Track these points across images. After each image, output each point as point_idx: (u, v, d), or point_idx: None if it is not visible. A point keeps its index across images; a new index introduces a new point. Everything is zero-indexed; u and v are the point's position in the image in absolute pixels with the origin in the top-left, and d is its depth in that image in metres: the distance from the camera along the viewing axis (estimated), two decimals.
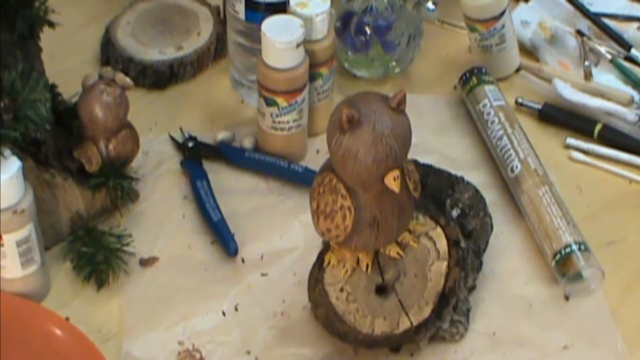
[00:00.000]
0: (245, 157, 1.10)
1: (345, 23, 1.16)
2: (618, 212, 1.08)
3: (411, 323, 0.90)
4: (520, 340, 0.96)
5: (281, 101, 1.05)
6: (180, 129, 1.13)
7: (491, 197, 1.05)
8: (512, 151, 1.08)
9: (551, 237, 1.01)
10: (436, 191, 0.98)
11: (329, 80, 1.10)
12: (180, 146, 1.11)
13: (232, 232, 1.02)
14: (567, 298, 1.00)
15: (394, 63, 1.18)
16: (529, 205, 1.04)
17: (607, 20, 1.24)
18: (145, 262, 1.01)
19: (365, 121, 0.79)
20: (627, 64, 1.19)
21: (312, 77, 1.08)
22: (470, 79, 1.15)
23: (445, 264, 0.92)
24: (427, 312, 0.91)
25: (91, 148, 1.00)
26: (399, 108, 0.81)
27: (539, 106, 1.17)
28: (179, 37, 1.20)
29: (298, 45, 1.03)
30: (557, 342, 0.96)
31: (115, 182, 1.01)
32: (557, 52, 1.22)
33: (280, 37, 1.02)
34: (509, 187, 1.08)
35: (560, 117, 1.16)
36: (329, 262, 0.91)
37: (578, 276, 0.99)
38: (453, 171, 1.01)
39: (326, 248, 0.92)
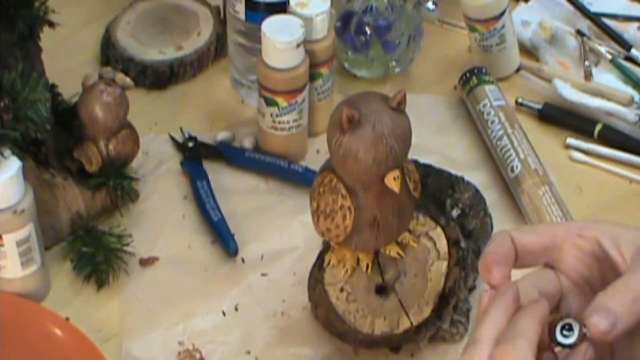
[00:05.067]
0: (246, 157, 1.10)
1: (345, 23, 1.16)
2: (618, 212, 1.08)
3: (411, 323, 0.90)
4: None
5: (281, 101, 1.05)
6: (180, 129, 1.13)
7: (491, 197, 1.05)
8: (512, 151, 1.08)
9: None
10: (436, 191, 0.98)
11: (329, 80, 1.10)
12: (180, 146, 1.11)
13: (232, 232, 1.02)
14: None
15: (394, 63, 1.18)
16: (529, 205, 1.04)
17: (607, 20, 1.24)
18: (145, 262, 1.01)
19: (365, 121, 0.79)
20: (627, 64, 1.19)
21: (312, 77, 1.08)
22: (471, 79, 1.15)
23: (445, 264, 0.92)
24: (427, 312, 0.91)
25: (91, 148, 1.00)
26: (399, 108, 0.81)
27: (539, 106, 1.17)
28: (179, 37, 1.20)
29: (298, 45, 1.03)
30: None
31: (115, 182, 1.01)
32: (557, 52, 1.22)
33: (280, 37, 1.02)
34: (509, 187, 1.08)
35: (561, 117, 1.16)
36: (329, 262, 0.91)
37: None
38: (453, 171, 1.01)
39: (326, 248, 0.92)
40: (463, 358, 0.69)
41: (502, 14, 1.16)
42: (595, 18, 1.24)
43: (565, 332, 0.69)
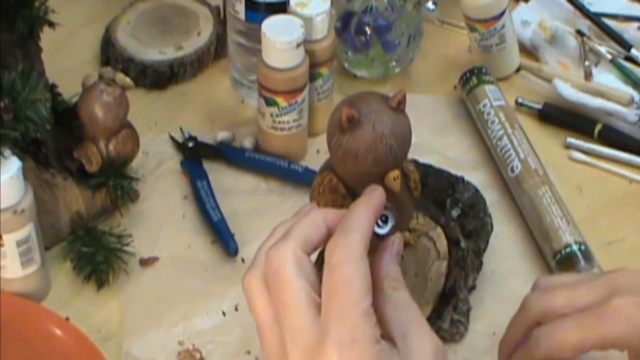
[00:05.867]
0: (245, 157, 1.10)
1: (346, 23, 1.16)
2: (618, 212, 1.08)
3: None
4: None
5: (281, 101, 1.05)
6: (180, 129, 1.13)
7: (491, 197, 1.05)
8: (512, 151, 1.08)
9: (551, 237, 1.01)
10: (436, 191, 0.98)
11: (329, 80, 1.10)
12: (180, 146, 1.11)
13: (232, 232, 1.02)
14: None
15: (394, 63, 1.18)
16: (529, 205, 1.04)
17: (607, 20, 1.24)
18: (145, 262, 1.01)
19: (365, 121, 0.79)
20: (627, 64, 1.19)
21: (312, 77, 1.08)
22: (471, 79, 1.15)
23: (445, 263, 0.92)
24: (427, 312, 0.91)
25: (91, 148, 1.00)
26: (399, 108, 0.81)
27: (539, 106, 1.17)
28: (179, 37, 1.20)
29: (298, 45, 1.03)
30: None
31: (115, 182, 1.01)
32: (557, 52, 1.22)
33: (280, 37, 1.02)
34: (509, 187, 1.08)
35: (560, 117, 1.16)
36: None
37: None
38: (453, 171, 1.01)
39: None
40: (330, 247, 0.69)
41: (502, 14, 1.16)
42: (595, 18, 1.24)
43: (380, 223, 0.71)
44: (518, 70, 1.21)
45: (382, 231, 0.72)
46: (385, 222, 0.72)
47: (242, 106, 1.17)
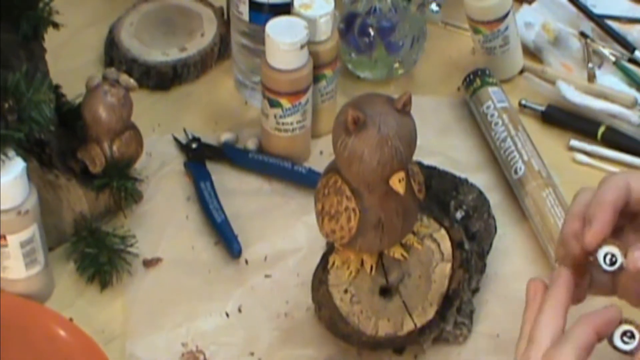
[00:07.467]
0: (249, 159, 1.10)
1: (349, 24, 1.16)
2: None
3: (415, 325, 0.90)
4: None
5: (285, 102, 1.05)
6: (184, 130, 1.13)
7: (495, 198, 1.05)
8: (515, 153, 1.08)
9: (555, 239, 1.00)
10: (440, 193, 0.98)
11: (332, 81, 1.10)
12: (183, 147, 1.11)
13: (236, 233, 1.02)
14: None
15: (397, 64, 1.18)
16: (533, 207, 1.04)
17: (610, 22, 1.24)
18: (148, 263, 1.01)
19: (370, 123, 0.79)
20: (630, 66, 1.19)
21: (316, 78, 1.08)
22: (474, 81, 1.15)
23: (449, 265, 0.92)
24: (430, 313, 0.91)
25: (95, 149, 1.00)
26: (404, 110, 0.81)
27: (542, 108, 1.16)
28: (183, 38, 1.20)
29: (302, 47, 1.03)
30: None
31: (119, 183, 1.01)
32: (561, 54, 1.22)
33: (284, 39, 1.02)
34: (513, 189, 1.08)
35: (564, 119, 1.16)
36: (333, 264, 0.91)
37: None
38: (457, 173, 1.01)
39: (330, 249, 0.92)
40: (520, 356, 0.71)
41: (506, 15, 1.16)
42: (598, 20, 1.24)
43: (625, 339, 0.68)
44: (521, 72, 1.21)
45: (627, 347, 0.69)
46: (631, 338, 0.69)
47: (245, 107, 1.17)
